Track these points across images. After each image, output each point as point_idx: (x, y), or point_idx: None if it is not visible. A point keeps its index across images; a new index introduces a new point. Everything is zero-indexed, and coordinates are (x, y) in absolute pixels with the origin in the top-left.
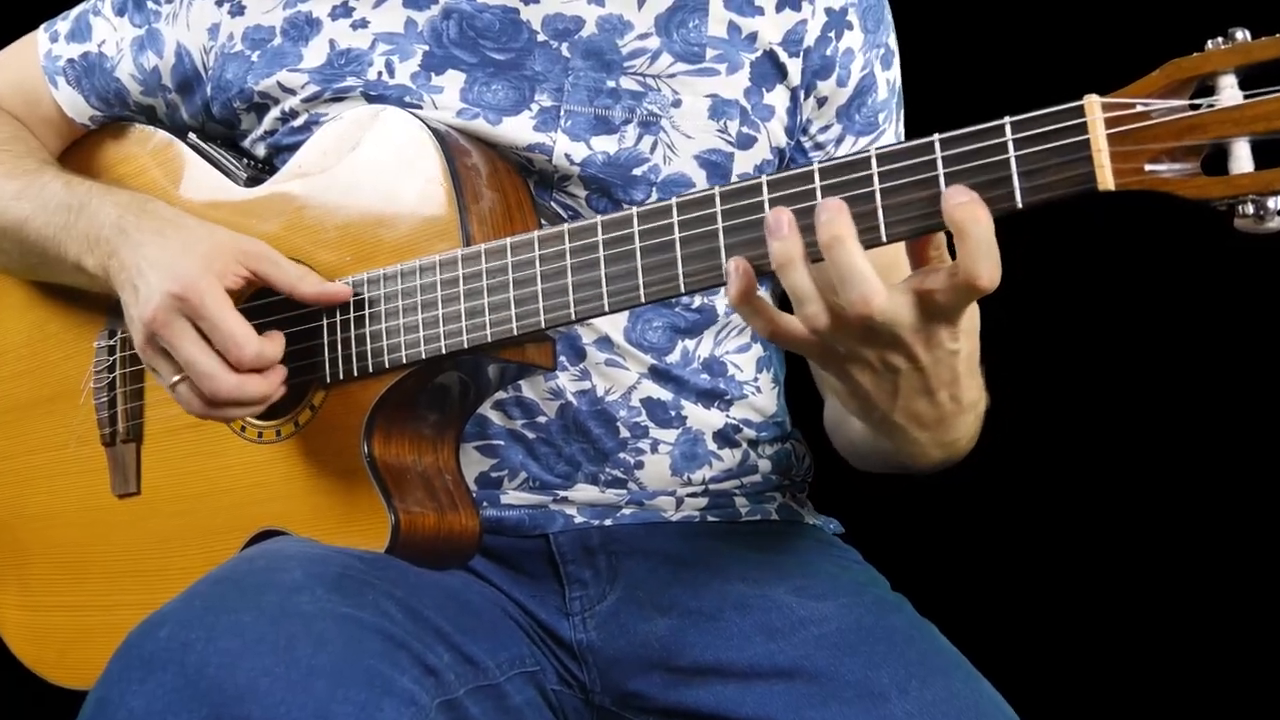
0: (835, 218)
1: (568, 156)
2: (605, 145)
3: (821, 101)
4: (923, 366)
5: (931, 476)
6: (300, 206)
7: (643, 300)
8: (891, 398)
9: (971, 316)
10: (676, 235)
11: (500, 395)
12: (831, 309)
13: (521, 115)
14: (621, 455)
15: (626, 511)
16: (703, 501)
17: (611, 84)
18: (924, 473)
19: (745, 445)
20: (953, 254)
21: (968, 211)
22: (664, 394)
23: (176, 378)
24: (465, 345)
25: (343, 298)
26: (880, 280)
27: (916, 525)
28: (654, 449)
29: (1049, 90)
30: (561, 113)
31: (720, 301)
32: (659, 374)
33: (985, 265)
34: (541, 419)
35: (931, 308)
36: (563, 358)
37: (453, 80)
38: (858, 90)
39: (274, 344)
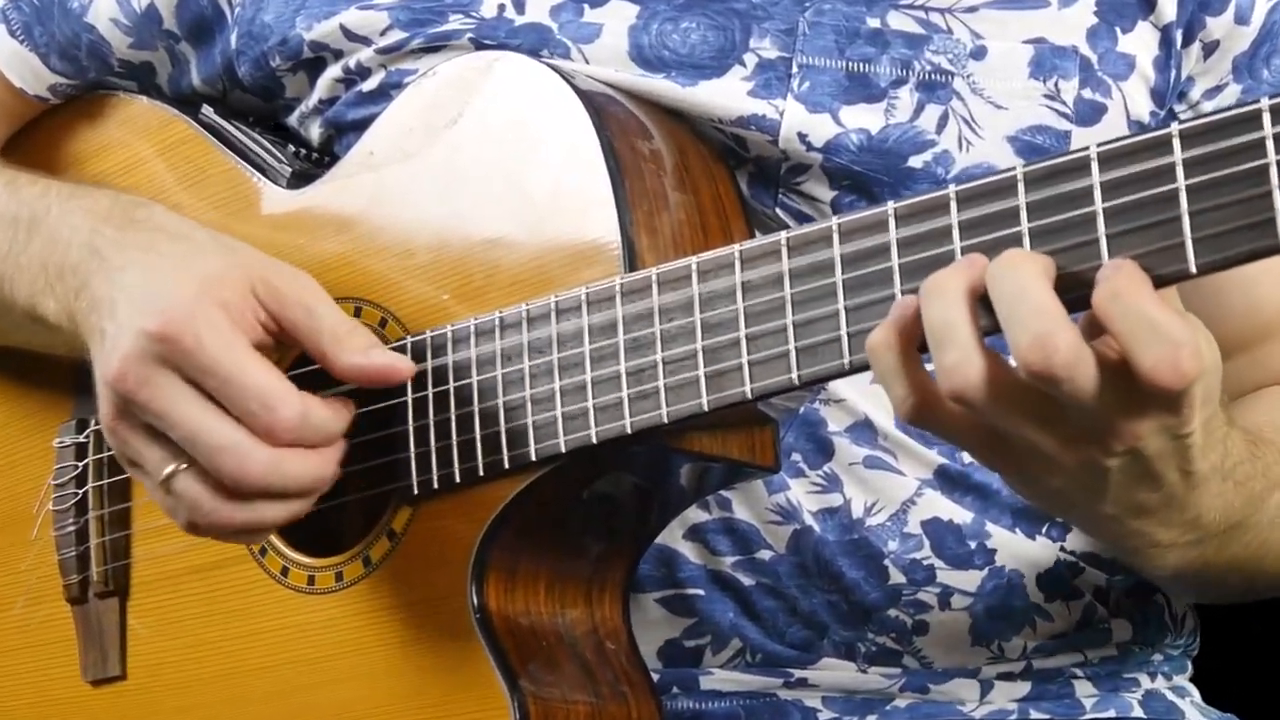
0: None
1: (803, 137)
2: (864, 119)
3: (1210, 49)
4: (1146, 456)
5: None
6: (372, 216)
7: None
8: (1094, 496)
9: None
10: (956, 244)
11: (698, 516)
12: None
13: (729, 73)
14: (893, 613)
15: (901, 703)
16: (1023, 687)
17: (874, 23)
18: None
19: (1090, 596)
20: None
21: None
22: (960, 513)
23: (171, 468)
24: (628, 430)
25: (401, 377)
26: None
27: None
28: (944, 602)
29: None
30: (794, 68)
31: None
32: (952, 480)
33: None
34: (764, 554)
35: (1130, 387)
36: (796, 455)
37: (617, 16)
38: (1270, 30)
39: (332, 410)
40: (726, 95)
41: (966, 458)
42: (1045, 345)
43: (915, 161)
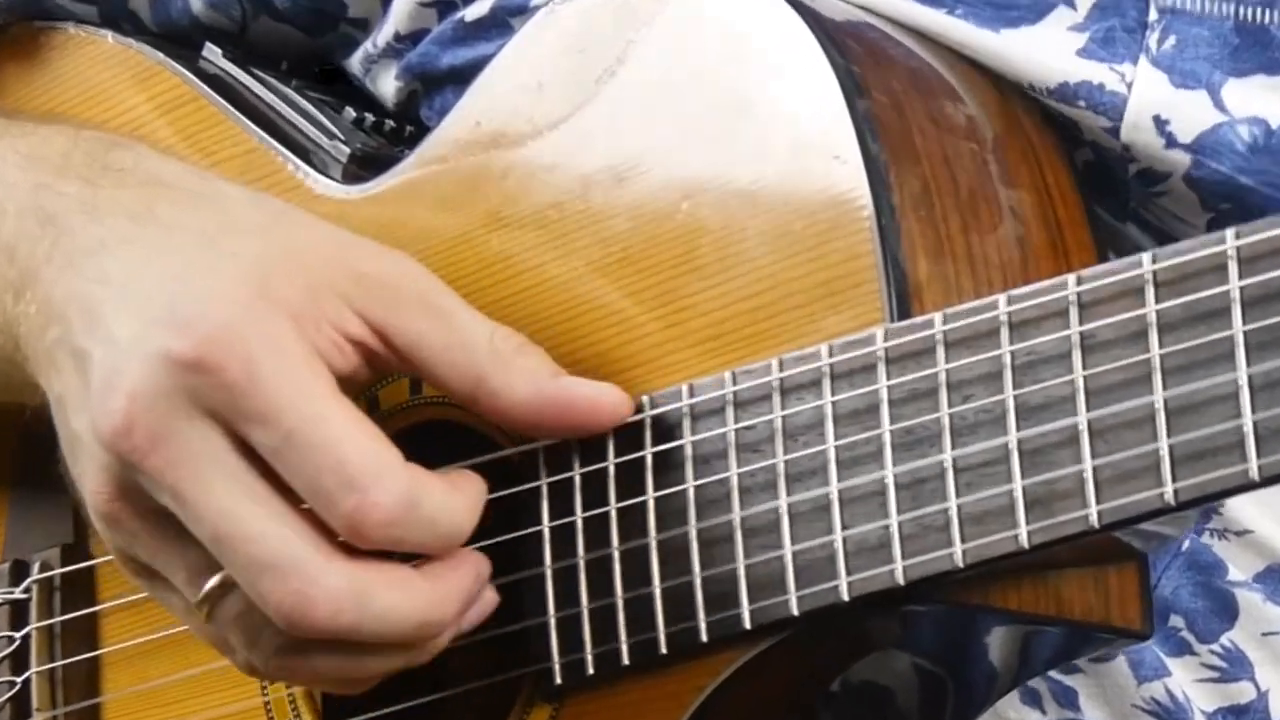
0: None
1: (1162, 125)
2: (1262, 101)
3: None
4: None
5: None
6: (481, 228)
7: None
8: None
9: None
10: None
11: (1023, 716)
12: None
13: (1050, 17)
14: None
15: None
16: None
17: None
18: None
19: None
20: None
21: None
22: None
23: (209, 584)
24: (900, 580)
25: (611, 417)
26: None
27: None
28: None
29: None
30: (1152, 14)
31: None
32: None
33: None
34: None
35: None
36: (1178, 619)
37: None
38: None
39: (460, 492)
40: (1040, 53)
41: None
42: None
43: None
